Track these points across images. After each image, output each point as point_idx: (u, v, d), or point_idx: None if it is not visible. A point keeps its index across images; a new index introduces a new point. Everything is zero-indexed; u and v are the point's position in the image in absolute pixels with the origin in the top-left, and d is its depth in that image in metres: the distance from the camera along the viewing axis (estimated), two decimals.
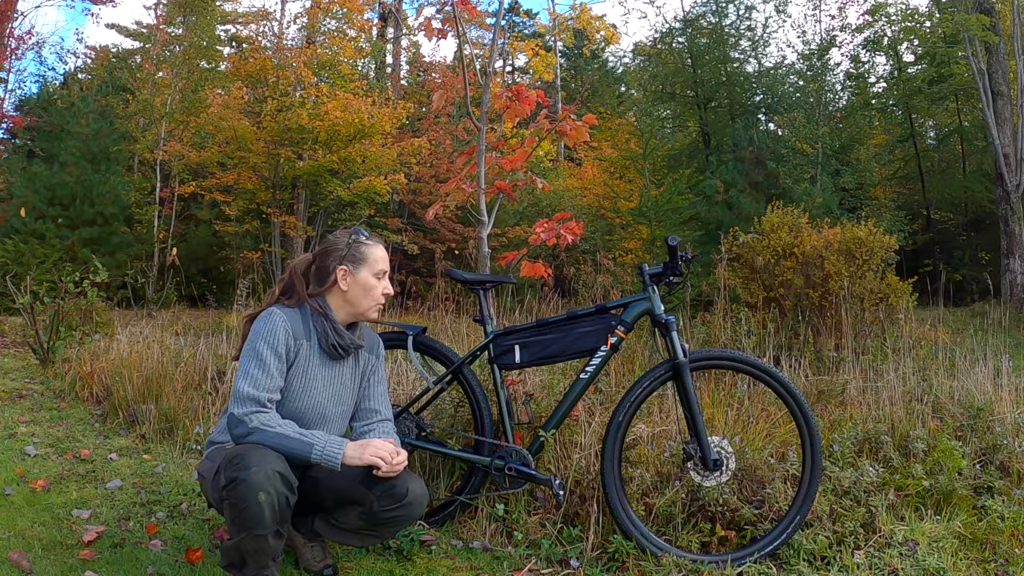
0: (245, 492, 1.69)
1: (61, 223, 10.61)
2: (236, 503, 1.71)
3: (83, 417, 3.91)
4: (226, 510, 1.76)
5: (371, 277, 2.02)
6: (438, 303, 5.41)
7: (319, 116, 9.91)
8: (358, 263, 2.02)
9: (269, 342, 1.89)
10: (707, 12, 15.51)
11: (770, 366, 2.26)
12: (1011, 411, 3.02)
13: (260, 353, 1.88)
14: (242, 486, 1.69)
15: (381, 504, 1.90)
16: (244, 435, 1.80)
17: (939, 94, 14.96)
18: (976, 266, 14.79)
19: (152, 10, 15.29)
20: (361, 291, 2.01)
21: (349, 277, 2.01)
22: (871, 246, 4.56)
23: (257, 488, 1.69)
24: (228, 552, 1.81)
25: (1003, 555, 2.20)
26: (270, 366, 1.87)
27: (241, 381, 1.85)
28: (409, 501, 1.90)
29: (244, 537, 1.73)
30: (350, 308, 2.03)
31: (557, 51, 20.94)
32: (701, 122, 15.27)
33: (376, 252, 2.04)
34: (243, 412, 1.81)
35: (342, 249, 2.03)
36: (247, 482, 1.69)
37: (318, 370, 1.99)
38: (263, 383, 1.85)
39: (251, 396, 1.83)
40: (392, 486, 1.89)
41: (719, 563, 2.09)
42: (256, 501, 1.69)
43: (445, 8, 3.88)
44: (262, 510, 1.70)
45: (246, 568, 1.80)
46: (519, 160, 3.51)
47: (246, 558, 1.78)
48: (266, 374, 1.86)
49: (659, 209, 8.81)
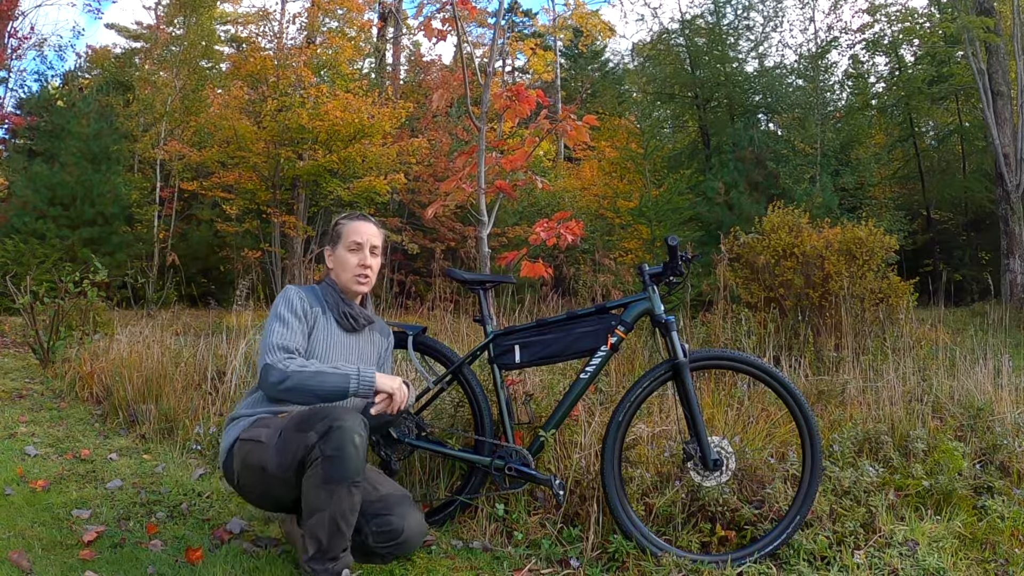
0: (341, 438, 1.75)
1: (61, 223, 10.61)
2: (333, 452, 1.74)
3: (83, 417, 3.91)
4: (320, 467, 1.75)
5: (345, 252, 2.18)
6: (438, 303, 5.41)
7: (319, 116, 9.91)
8: (336, 242, 2.21)
9: (287, 306, 2.05)
10: (704, 12, 15.52)
11: (770, 366, 2.26)
12: (1011, 411, 3.02)
13: (281, 315, 2.03)
14: (337, 432, 1.75)
15: (376, 540, 1.92)
16: (282, 380, 1.89)
17: (939, 94, 14.96)
18: (976, 266, 14.79)
19: (152, 10, 15.28)
20: (340, 266, 2.18)
21: (331, 256, 2.21)
22: (871, 246, 4.56)
23: (352, 431, 1.76)
24: (315, 529, 1.77)
25: (1003, 555, 2.20)
26: (292, 324, 2.02)
27: (269, 336, 1.98)
28: (404, 540, 1.93)
29: (341, 495, 1.75)
30: (340, 284, 2.19)
31: (557, 51, 20.95)
32: (701, 122, 15.27)
33: (349, 227, 2.20)
34: (276, 359, 1.92)
35: (328, 233, 2.25)
36: (343, 428, 1.76)
37: (337, 339, 2.12)
38: (288, 336, 1.99)
39: (281, 345, 1.96)
40: (388, 522, 1.90)
41: (719, 563, 2.09)
42: (353, 444, 1.76)
43: (445, 8, 3.88)
44: (358, 453, 1.77)
45: (330, 546, 1.78)
46: (519, 160, 3.51)
47: (332, 532, 1.76)
48: (290, 330, 2.01)
49: (659, 209, 8.82)
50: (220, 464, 2.06)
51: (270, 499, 1.99)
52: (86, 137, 11.39)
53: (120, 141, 12.29)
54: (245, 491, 2.02)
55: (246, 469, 1.93)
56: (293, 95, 10.54)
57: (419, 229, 12.40)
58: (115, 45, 19.27)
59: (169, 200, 12.77)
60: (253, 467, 1.91)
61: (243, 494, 2.05)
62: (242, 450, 1.94)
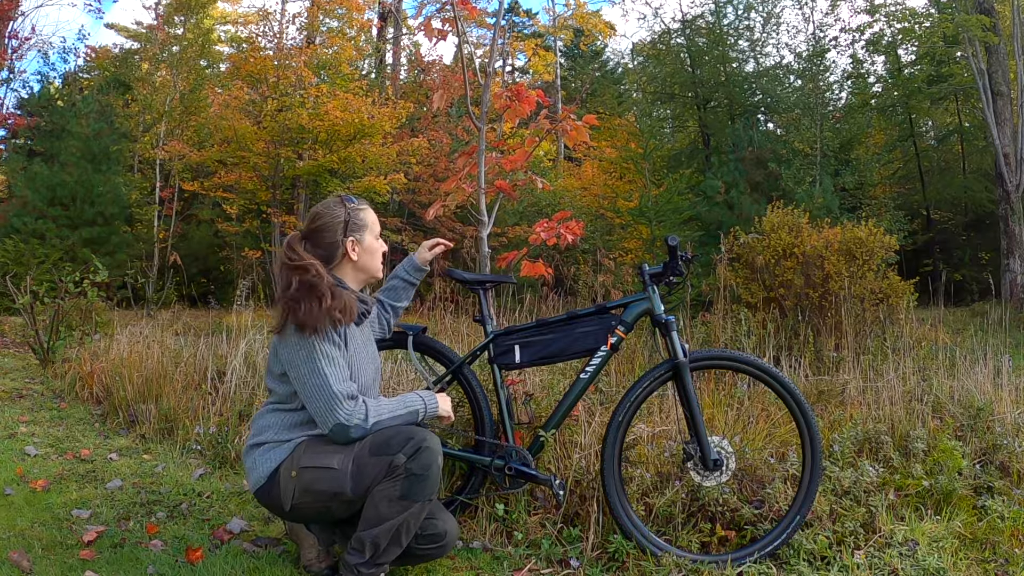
0: (429, 458, 1.80)
1: (61, 223, 10.61)
2: (420, 471, 1.79)
3: (83, 417, 3.91)
4: (400, 483, 1.79)
5: (374, 240, 2.09)
6: (438, 303, 5.41)
7: (319, 116, 9.91)
8: (361, 230, 2.05)
9: (326, 337, 1.87)
10: (705, 12, 15.52)
11: (770, 366, 2.26)
12: (1011, 411, 3.02)
13: (324, 351, 1.86)
14: (426, 452, 1.80)
15: (419, 542, 1.93)
16: (364, 435, 1.87)
17: (939, 94, 14.96)
18: (976, 266, 14.78)
19: (152, 10, 15.28)
20: (369, 256, 2.07)
21: (358, 247, 2.04)
22: (871, 246, 4.57)
23: (437, 452, 1.83)
24: (377, 538, 1.81)
25: (1003, 555, 2.20)
26: (337, 359, 1.88)
27: (325, 387, 1.83)
28: (445, 543, 1.99)
29: (414, 511, 1.81)
30: (362, 275, 2.09)
31: (557, 51, 20.95)
32: (700, 122, 15.28)
33: (371, 215, 2.12)
34: (349, 416, 1.84)
35: (341, 221, 2.01)
36: (431, 448, 1.81)
37: (360, 341, 2.04)
38: (342, 376, 1.87)
39: (347, 394, 1.85)
40: (434, 525, 1.94)
41: (719, 563, 2.09)
42: (437, 464, 1.82)
43: (445, 8, 3.88)
44: (439, 473, 1.84)
45: (386, 552, 1.83)
46: (519, 160, 3.51)
47: (393, 541, 1.82)
48: (340, 368, 1.88)
49: (659, 209, 8.82)
50: (254, 491, 1.96)
51: (327, 517, 1.97)
52: (86, 137, 11.40)
53: (120, 141, 12.31)
54: (299, 513, 1.95)
55: (309, 495, 1.87)
56: (293, 95, 10.55)
57: (419, 229, 12.41)
58: (115, 45, 19.25)
59: (169, 200, 12.78)
60: (322, 493, 1.86)
61: (294, 515, 1.97)
62: (303, 477, 1.87)
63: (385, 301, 2.36)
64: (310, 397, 1.85)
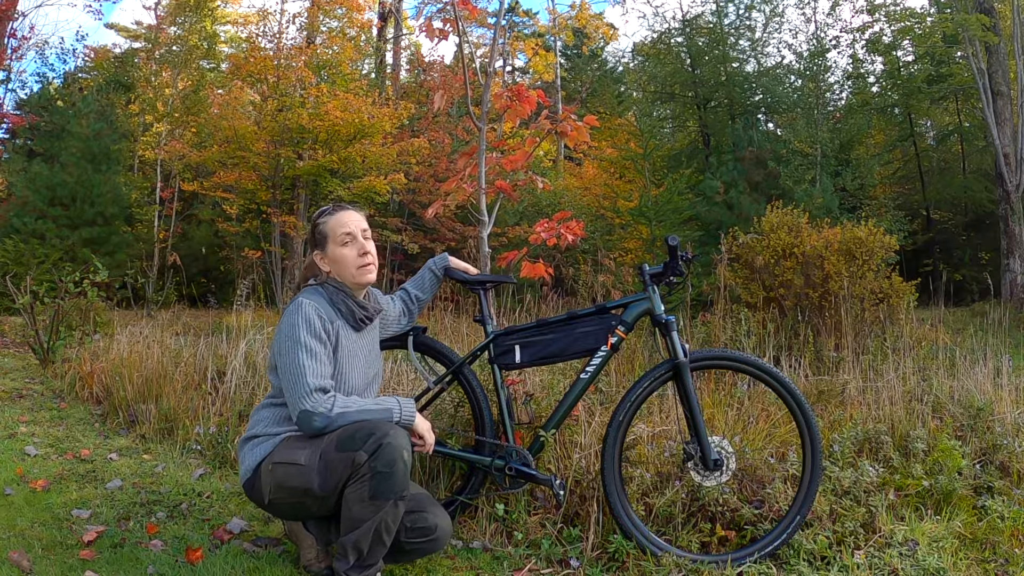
0: (392, 454, 1.77)
1: (61, 223, 10.62)
2: (384, 469, 1.76)
3: (83, 417, 3.91)
4: (367, 483, 1.78)
5: (337, 248, 2.07)
6: (438, 303, 5.40)
7: (319, 116, 9.90)
8: (323, 244, 2.08)
9: (309, 330, 1.92)
10: (706, 12, 15.51)
11: (770, 366, 2.26)
12: (1011, 411, 3.02)
13: (306, 344, 1.91)
14: (388, 448, 1.76)
15: (409, 536, 1.94)
16: (327, 425, 1.85)
17: (939, 94, 14.96)
18: (976, 266, 14.77)
19: (152, 10, 15.28)
20: (340, 264, 2.07)
21: (324, 259, 2.09)
22: (871, 246, 4.57)
23: (401, 447, 1.79)
24: (358, 541, 1.80)
25: (1003, 555, 2.20)
26: (318, 353, 1.92)
27: (300, 375, 1.87)
28: (436, 537, 1.97)
29: (387, 509, 1.79)
30: (346, 282, 2.09)
31: (557, 51, 20.95)
32: (700, 122, 15.27)
33: (332, 222, 2.09)
34: (315, 404, 1.85)
35: (311, 239, 2.12)
36: (392, 444, 1.77)
37: (354, 345, 2.06)
38: (320, 371, 1.90)
39: (318, 387, 1.87)
40: (423, 519, 1.94)
41: (719, 563, 2.09)
42: (402, 459, 1.78)
43: (446, 8, 3.88)
44: (406, 469, 1.79)
45: (371, 554, 1.83)
46: (520, 160, 3.50)
47: (375, 542, 1.81)
48: (319, 362, 1.91)
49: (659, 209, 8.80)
50: (242, 483, 2.01)
51: (304, 514, 1.99)
52: (86, 137, 11.40)
53: (120, 141, 12.31)
54: (277, 508, 1.99)
55: (282, 490, 1.90)
56: (293, 95, 10.55)
57: (419, 229, 12.41)
58: (115, 45, 19.28)
59: (169, 200, 12.78)
60: (293, 489, 1.88)
61: (273, 511, 2.02)
62: (276, 472, 1.90)
63: (411, 290, 2.40)
64: (287, 386, 1.91)
